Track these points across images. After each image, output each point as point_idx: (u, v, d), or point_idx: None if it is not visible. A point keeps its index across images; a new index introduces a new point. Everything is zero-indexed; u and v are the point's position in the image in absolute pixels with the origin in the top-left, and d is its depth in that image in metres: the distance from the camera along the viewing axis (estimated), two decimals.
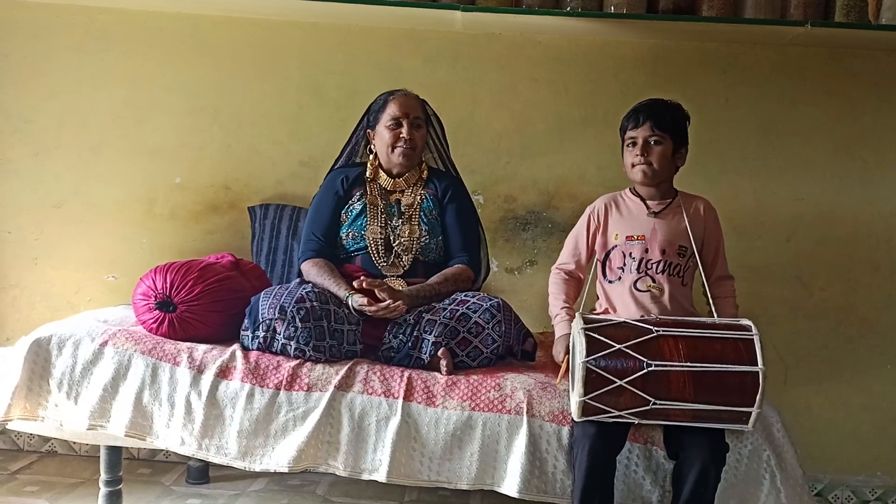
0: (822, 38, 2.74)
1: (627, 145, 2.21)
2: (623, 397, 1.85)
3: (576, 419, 1.90)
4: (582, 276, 2.29)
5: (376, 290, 2.18)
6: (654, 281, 2.16)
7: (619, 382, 1.84)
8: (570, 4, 2.69)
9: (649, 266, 2.16)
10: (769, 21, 2.67)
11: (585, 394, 1.85)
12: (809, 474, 2.89)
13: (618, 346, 1.86)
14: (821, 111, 2.89)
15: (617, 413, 1.86)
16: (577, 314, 1.96)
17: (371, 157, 2.49)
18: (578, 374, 1.85)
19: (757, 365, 1.83)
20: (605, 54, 2.89)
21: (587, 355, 1.85)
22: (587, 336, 1.87)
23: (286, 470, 2.00)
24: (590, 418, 1.88)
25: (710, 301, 2.21)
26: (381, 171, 2.47)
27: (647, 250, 2.17)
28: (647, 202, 2.21)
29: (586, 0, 2.68)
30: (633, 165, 2.19)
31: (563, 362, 2.10)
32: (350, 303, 2.21)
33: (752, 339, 1.87)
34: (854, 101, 2.88)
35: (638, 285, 2.16)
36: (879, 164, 2.90)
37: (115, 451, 2.24)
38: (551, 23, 2.73)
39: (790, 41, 2.80)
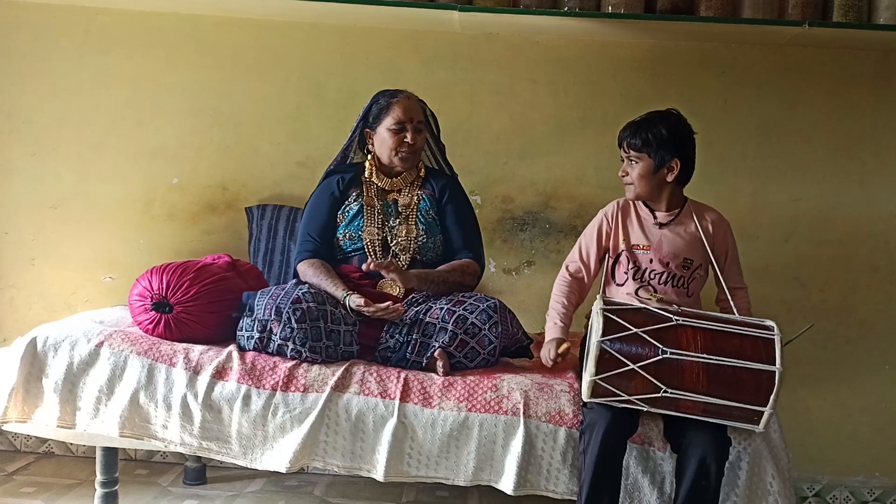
0: (820, 38, 2.74)
1: (621, 160, 2.22)
2: (635, 382, 1.85)
3: (585, 399, 1.90)
4: (588, 278, 2.27)
5: (382, 271, 2.19)
6: (655, 291, 2.16)
7: (632, 366, 1.84)
8: (567, 4, 2.69)
9: (652, 276, 2.16)
10: (767, 21, 2.66)
11: (597, 374, 1.85)
12: (808, 475, 2.90)
13: (634, 330, 1.85)
14: (819, 112, 2.89)
15: (626, 397, 1.86)
16: (598, 297, 1.95)
17: (369, 157, 2.48)
18: (592, 353, 1.85)
19: (775, 364, 1.82)
20: (603, 55, 2.89)
21: (603, 335, 1.85)
22: (605, 317, 1.87)
23: (284, 470, 2.01)
24: (600, 400, 1.88)
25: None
26: (378, 171, 2.46)
27: (651, 260, 2.17)
28: (656, 212, 2.20)
29: (584, 0, 2.68)
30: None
31: (556, 355, 2.09)
32: (348, 303, 2.20)
33: (773, 339, 1.86)
34: (853, 102, 2.88)
35: (640, 293, 2.16)
36: (878, 166, 2.90)
37: (111, 452, 2.23)
38: (549, 23, 2.73)
39: (789, 41, 2.80)
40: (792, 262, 2.91)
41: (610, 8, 2.67)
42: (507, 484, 1.97)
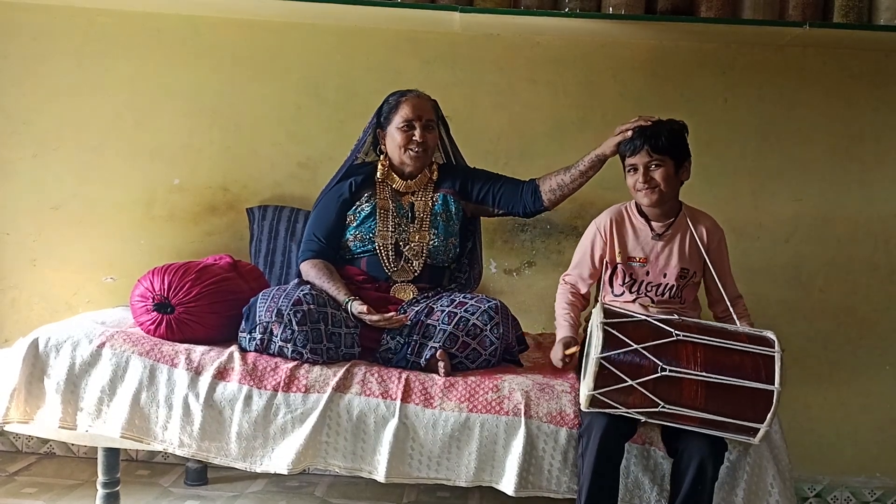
0: (820, 38, 2.74)
1: (628, 171, 2.17)
2: (633, 396, 1.84)
3: (583, 409, 1.90)
4: (587, 290, 2.26)
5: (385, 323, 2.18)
6: (652, 302, 2.15)
7: (630, 382, 1.83)
8: (568, 5, 2.69)
9: (649, 289, 2.16)
10: (767, 22, 2.66)
11: (595, 388, 1.84)
12: (808, 475, 2.90)
13: (634, 346, 1.84)
14: (819, 112, 2.89)
15: (624, 410, 1.86)
16: (598, 304, 1.94)
17: (382, 157, 2.47)
18: (591, 368, 1.84)
19: (773, 384, 1.81)
20: (603, 55, 2.89)
21: (602, 351, 1.83)
22: (605, 331, 1.85)
23: (286, 472, 2.01)
24: (597, 410, 1.88)
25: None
26: (392, 172, 2.45)
27: (647, 273, 2.16)
28: (652, 223, 2.18)
29: (584, 0, 2.68)
30: (637, 190, 2.15)
31: (563, 355, 2.08)
32: (350, 309, 2.20)
33: (773, 356, 1.84)
34: (853, 102, 2.88)
35: (637, 303, 2.15)
36: (878, 165, 2.90)
37: (112, 453, 2.24)
38: (550, 23, 2.73)
39: (789, 42, 2.80)
40: (792, 261, 2.91)
41: (610, 9, 2.67)
42: (508, 484, 1.97)
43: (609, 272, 2.20)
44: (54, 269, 2.94)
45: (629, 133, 2.16)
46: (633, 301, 2.16)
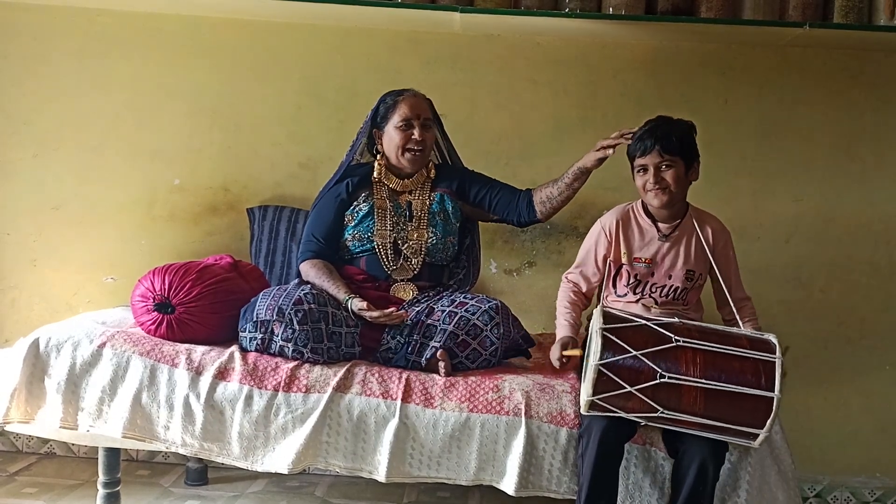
0: (820, 38, 2.74)
1: (637, 171, 2.15)
2: (632, 402, 1.84)
3: (582, 413, 1.90)
4: (590, 289, 2.26)
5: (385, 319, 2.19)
6: (656, 303, 2.15)
7: (629, 389, 1.82)
8: (568, 5, 2.69)
9: (653, 290, 2.15)
10: (768, 22, 2.66)
11: (594, 394, 1.84)
12: (809, 476, 2.90)
13: (633, 353, 1.83)
14: (820, 112, 2.89)
15: (623, 414, 1.86)
16: (598, 307, 1.93)
17: (378, 157, 2.47)
18: (590, 374, 1.84)
19: (773, 391, 1.80)
20: (603, 55, 2.89)
21: (601, 357, 1.83)
22: (604, 337, 1.85)
23: (286, 471, 2.01)
24: (596, 414, 1.88)
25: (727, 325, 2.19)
26: (388, 172, 2.46)
27: (652, 274, 2.16)
28: (659, 224, 2.17)
29: (585, 1, 2.68)
30: (647, 191, 2.14)
31: (560, 355, 2.09)
32: (350, 306, 2.20)
33: (774, 362, 1.83)
34: (853, 102, 2.88)
35: (641, 304, 2.15)
36: (879, 165, 2.90)
37: (113, 453, 2.24)
38: (550, 24, 2.73)
39: (789, 42, 2.80)
40: (792, 262, 2.91)
41: (611, 9, 2.66)
42: (508, 484, 1.98)
43: (613, 272, 2.20)
44: (55, 269, 2.94)
45: (610, 151, 2.18)
46: (637, 302, 2.15)
